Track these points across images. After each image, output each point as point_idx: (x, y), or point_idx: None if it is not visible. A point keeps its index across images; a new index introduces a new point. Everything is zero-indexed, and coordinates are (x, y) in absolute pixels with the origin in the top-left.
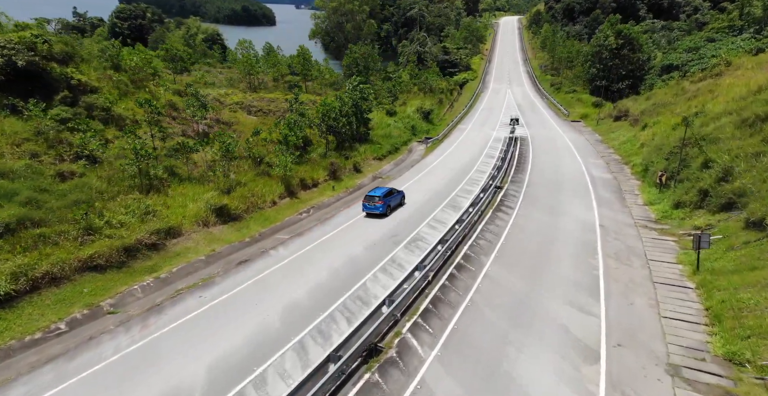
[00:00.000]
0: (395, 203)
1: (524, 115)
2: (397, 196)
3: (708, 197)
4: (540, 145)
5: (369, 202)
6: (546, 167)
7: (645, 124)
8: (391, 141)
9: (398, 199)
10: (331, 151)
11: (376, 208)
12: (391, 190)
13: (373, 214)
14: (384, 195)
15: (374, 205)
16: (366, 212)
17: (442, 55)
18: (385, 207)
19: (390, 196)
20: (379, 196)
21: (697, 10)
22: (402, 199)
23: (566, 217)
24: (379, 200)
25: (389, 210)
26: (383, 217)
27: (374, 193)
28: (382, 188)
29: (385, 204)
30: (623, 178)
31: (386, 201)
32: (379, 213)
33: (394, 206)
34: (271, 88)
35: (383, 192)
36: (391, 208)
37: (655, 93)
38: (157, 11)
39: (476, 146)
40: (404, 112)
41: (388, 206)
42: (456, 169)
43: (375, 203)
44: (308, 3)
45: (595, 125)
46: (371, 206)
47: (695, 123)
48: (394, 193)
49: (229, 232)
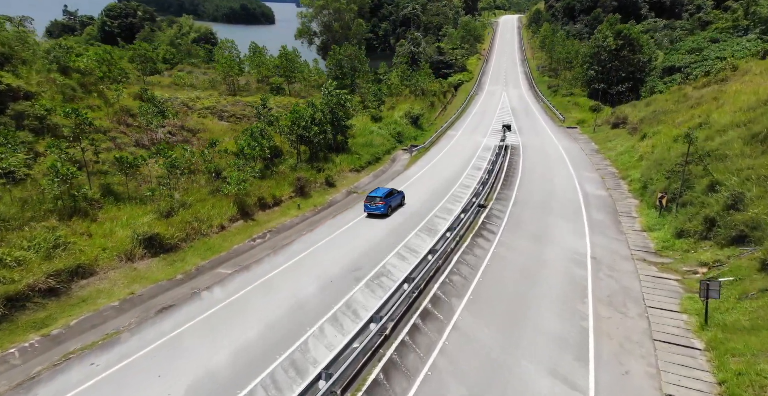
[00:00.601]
0: (396, 203)
1: (518, 120)
2: (397, 196)
3: (715, 227)
4: (531, 155)
5: (370, 202)
6: (536, 182)
7: (644, 133)
8: (372, 150)
9: (398, 200)
10: (302, 163)
11: (377, 208)
12: (391, 191)
13: (374, 214)
14: (385, 195)
15: (375, 206)
16: (368, 213)
17: (436, 55)
18: (386, 207)
19: (391, 197)
20: (380, 196)
21: (700, 8)
22: (402, 199)
23: (554, 246)
24: (381, 201)
25: (390, 210)
26: (385, 216)
27: (375, 194)
28: (382, 189)
29: (387, 204)
30: (619, 196)
31: (387, 201)
32: (381, 213)
33: (395, 206)
34: (254, 90)
35: (384, 192)
36: (392, 208)
37: (656, 99)
38: (149, 9)
39: (464, 156)
40: (391, 117)
41: (389, 206)
42: (439, 182)
43: (376, 204)
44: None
45: (592, 132)
46: (373, 207)
47: (699, 136)
48: (395, 194)
49: (158, 267)
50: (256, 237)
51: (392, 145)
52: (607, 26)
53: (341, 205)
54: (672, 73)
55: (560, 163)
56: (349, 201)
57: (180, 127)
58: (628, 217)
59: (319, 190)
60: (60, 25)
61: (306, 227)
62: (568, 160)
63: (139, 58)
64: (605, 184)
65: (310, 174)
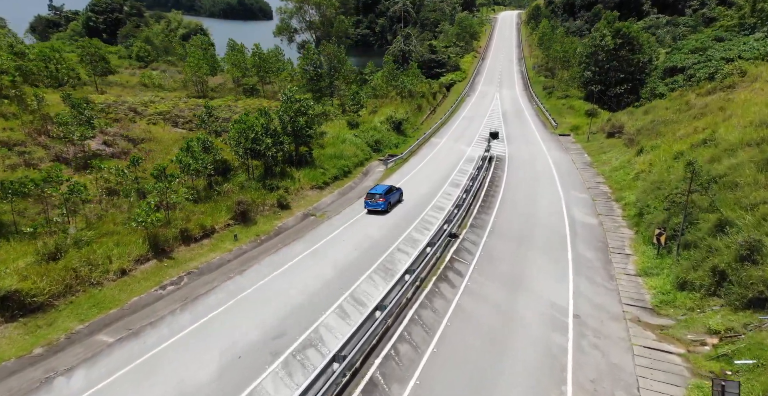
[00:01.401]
0: (395, 200)
1: (508, 125)
2: (396, 193)
3: (726, 282)
4: (517, 169)
5: (371, 199)
6: (518, 204)
7: (641, 147)
8: (341, 163)
9: (397, 196)
10: (252, 181)
11: (378, 205)
12: (390, 188)
13: (375, 211)
14: (385, 192)
15: (376, 203)
16: (368, 209)
17: (428, 54)
18: (386, 204)
19: (390, 194)
20: (381, 193)
21: (704, 4)
22: (400, 195)
23: (531, 295)
24: (380, 197)
25: (390, 206)
26: (385, 212)
27: (375, 191)
28: (382, 186)
29: (387, 201)
30: (611, 225)
31: (387, 198)
32: (381, 210)
33: (394, 203)
34: (227, 92)
35: (384, 189)
36: (392, 204)
37: (654, 106)
38: (136, 4)
39: (444, 169)
40: (371, 122)
41: (389, 203)
42: (411, 203)
43: (377, 200)
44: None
45: (586, 141)
46: (373, 203)
47: (703, 154)
48: (394, 191)
49: (12, 337)
50: (168, 283)
51: (367, 156)
52: (604, 24)
53: (292, 232)
54: (674, 74)
55: (548, 180)
56: (304, 227)
57: (121, 137)
58: (620, 254)
59: (267, 215)
60: (44, 20)
61: (238, 266)
62: (556, 176)
63: (89, 57)
64: (596, 207)
65: (259, 194)
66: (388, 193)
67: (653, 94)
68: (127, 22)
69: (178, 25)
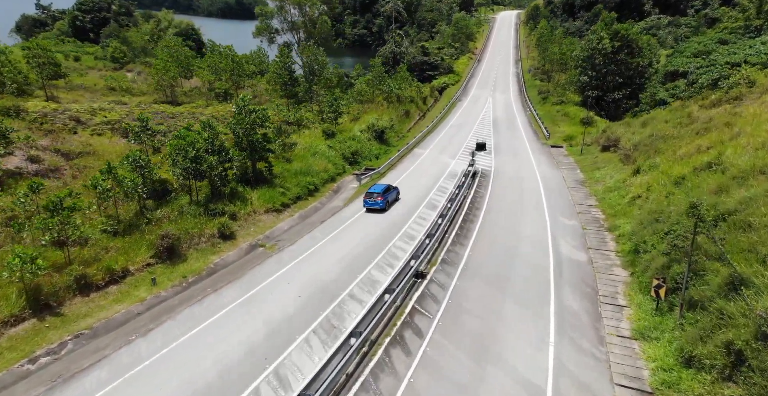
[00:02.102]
0: (392, 198)
1: (498, 134)
2: (393, 192)
3: (745, 366)
4: (502, 187)
5: (369, 198)
6: (499, 233)
7: (638, 166)
8: (306, 180)
9: (394, 195)
10: (192, 206)
11: (376, 203)
12: (388, 187)
13: (373, 209)
14: (383, 191)
15: (374, 201)
16: (366, 208)
17: (420, 55)
18: (384, 203)
19: (388, 192)
20: (379, 192)
21: (707, 4)
22: (397, 194)
23: (500, 369)
24: (379, 196)
25: (388, 205)
26: (383, 211)
27: (374, 190)
28: (380, 185)
29: (385, 200)
30: (603, 263)
31: (385, 197)
32: (380, 208)
33: (392, 201)
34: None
35: (382, 189)
36: (389, 202)
37: (654, 117)
38: (125, 3)
39: (422, 186)
40: (351, 131)
41: (387, 201)
42: (379, 229)
43: (375, 199)
44: None
45: (579, 154)
46: (372, 202)
47: (709, 182)
48: (391, 190)
49: None
50: (43, 353)
51: (339, 170)
52: (602, 26)
53: (230, 271)
54: (675, 79)
55: (534, 202)
56: (246, 263)
57: (53, 151)
58: (612, 305)
59: (203, 248)
60: (30, 19)
61: (147, 323)
62: (544, 197)
63: (35, 60)
64: (586, 239)
65: (196, 223)
66: (386, 192)
67: (653, 99)
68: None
69: (169, 24)
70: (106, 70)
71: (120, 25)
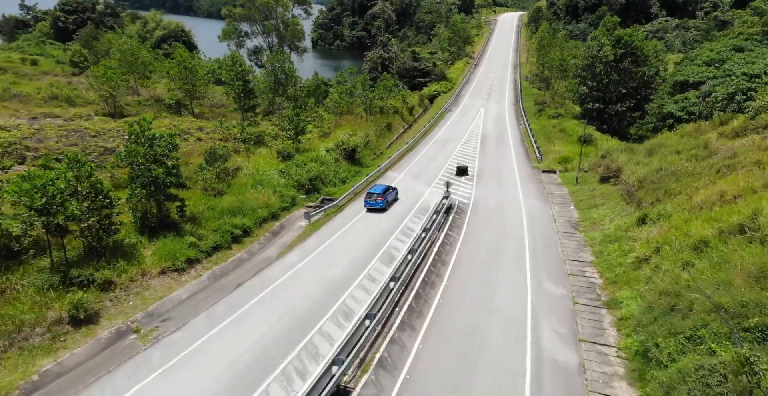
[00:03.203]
0: (392, 198)
1: (485, 152)
2: (393, 192)
3: None
4: (480, 230)
5: (370, 198)
6: (464, 307)
7: (645, 214)
8: (232, 222)
9: (394, 195)
10: (44, 273)
11: (377, 203)
12: (388, 187)
13: (374, 209)
14: (383, 192)
15: (375, 201)
16: (368, 208)
17: (411, 61)
18: (384, 203)
19: (387, 193)
20: (379, 193)
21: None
22: (396, 194)
23: None
24: (379, 197)
25: (388, 205)
26: (384, 210)
27: (374, 191)
28: (380, 186)
29: (385, 200)
30: (598, 372)
31: (385, 197)
32: (380, 208)
33: (391, 201)
34: (145, 108)
35: (382, 189)
36: (389, 202)
37: (662, 144)
38: (111, 4)
39: (383, 226)
40: (317, 149)
41: (386, 201)
42: (305, 303)
43: (376, 200)
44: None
45: (574, 184)
46: (372, 202)
47: (743, 255)
48: (390, 190)
49: None
50: None
51: (287, 203)
52: (603, 32)
53: (68, 382)
54: (685, 90)
55: (516, 252)
56: (98, 366)
57: None
58: None
59: (35, 345)
60: (13, 20)
61: None
62: (528, 247)
63: None
64: (578, 322)
65: (33, 303)
66: (386, 192)
67: (661, 112)
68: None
69: (157, 25)
70: (64, 75)
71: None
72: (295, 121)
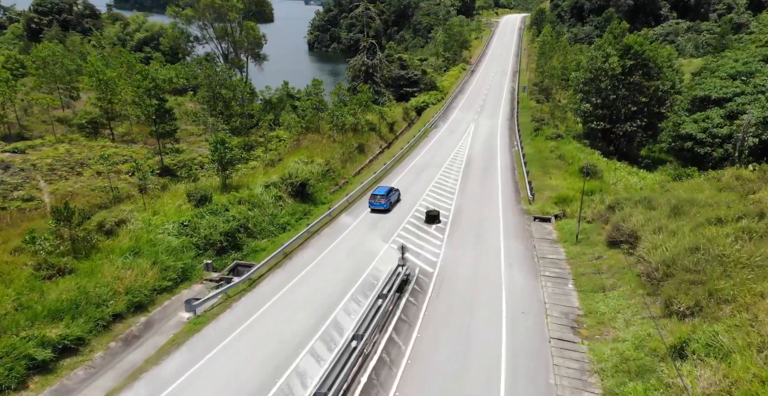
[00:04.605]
0: (395, 199)
1: (466, 186)
2: (395, 193)
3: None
4: (440, 326)
5: (374, 199)
6: None
7: (686, 335)
8: (42, 336)
9: (396, 196)
10: None
11: (381, 204)
12: (391, 189)
13: (378, 209)
14: (387, 193)
15: (379, 203)
16: (371, 209)
17: (398, 69)
18: (388, 203)
19: (390, 194)
20: (383, 194)
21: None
22: (399, 195)
23: None
24: (382, 198)
25: (391, 206)
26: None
27: (378, 192)
28: (383, 187)
29: (388, 201)
30: None
31: (389, 198)
32: (384, 208)
33: (395, 202)
34: (48, 127)
35: (386, 191)
36: (392, 203)
37: (693, 200)
38: (89, 4)
39: (299, 323)
40: (254, 184)
41: (390, 202)
42: None
43: (380, 201)
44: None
45: (574, 243)
46: (377, 203)
47: None
48: (393, 191)
49: None
50: None
51: (170, 280)
52: (609, 40)
53: None
54: (705, 107)
55: (486, 378)
56: None
57: None
58: None
59: None
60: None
61: None
62: (503, 377)
63: None
64: None
65: None
66: (389, 194)
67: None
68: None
69: (139, 27)
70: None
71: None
72: (219, 151)
